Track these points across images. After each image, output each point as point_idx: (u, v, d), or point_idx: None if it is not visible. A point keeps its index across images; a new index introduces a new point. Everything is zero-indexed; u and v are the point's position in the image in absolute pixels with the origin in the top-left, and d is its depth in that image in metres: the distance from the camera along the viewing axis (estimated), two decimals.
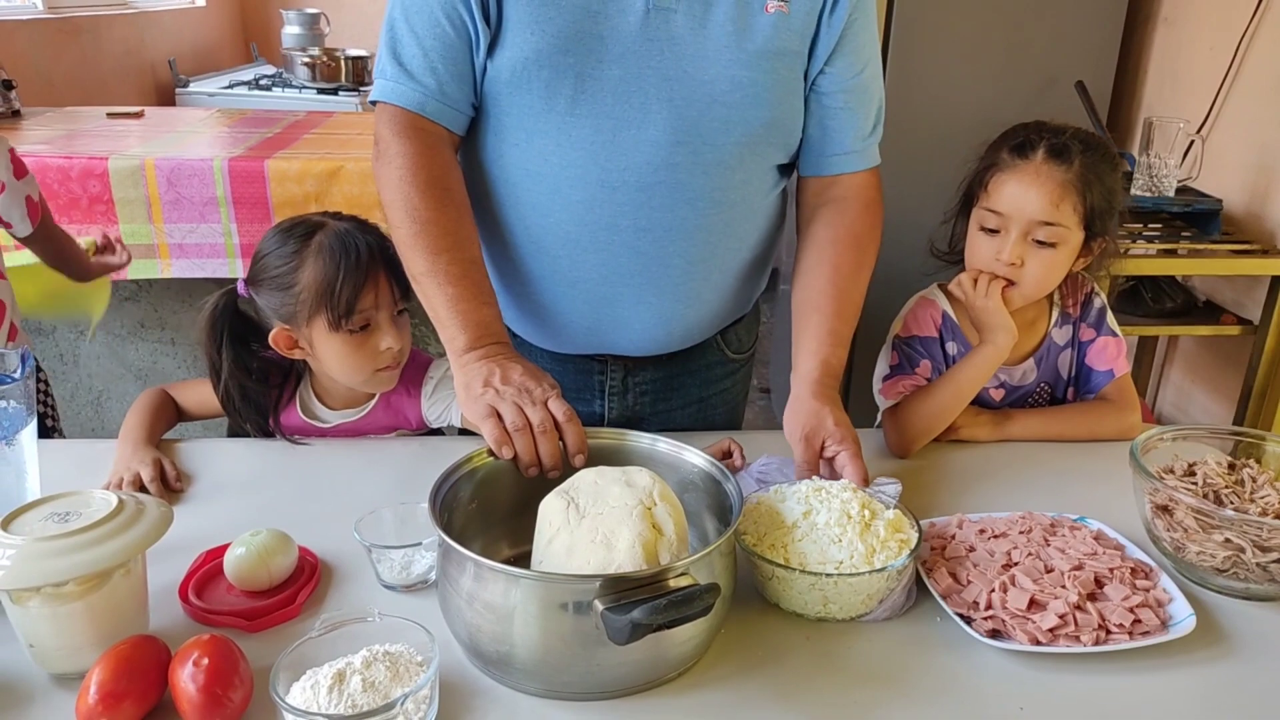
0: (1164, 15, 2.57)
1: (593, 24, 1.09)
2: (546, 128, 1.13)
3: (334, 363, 1.23)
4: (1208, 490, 1.02)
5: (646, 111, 1.11)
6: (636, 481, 0.89)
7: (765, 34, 1.12)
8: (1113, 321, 1.35)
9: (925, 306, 1.34)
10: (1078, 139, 1.23)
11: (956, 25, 2.51)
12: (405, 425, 1.32)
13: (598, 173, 1.14)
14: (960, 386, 1.25)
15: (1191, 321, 2.22)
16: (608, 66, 1.10)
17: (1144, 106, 2.65)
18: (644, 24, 1.09)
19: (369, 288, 1.20)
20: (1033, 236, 1.22)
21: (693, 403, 1.39)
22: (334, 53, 3.69)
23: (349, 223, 1.25)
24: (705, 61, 1.11)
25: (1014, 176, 1.22)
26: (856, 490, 0.97)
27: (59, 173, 1.97)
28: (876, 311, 2.78)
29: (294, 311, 1.21)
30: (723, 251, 1.23)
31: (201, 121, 2.49)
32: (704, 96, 1.12)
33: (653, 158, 1.13)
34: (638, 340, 1.27)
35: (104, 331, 2.33)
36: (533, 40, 1.09)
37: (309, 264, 1.19)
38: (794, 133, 1.22)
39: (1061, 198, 1.20)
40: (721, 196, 1.18)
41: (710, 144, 1.14)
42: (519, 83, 1.11)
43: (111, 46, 3.42)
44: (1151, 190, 2.14)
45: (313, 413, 1.31)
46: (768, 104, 1.15)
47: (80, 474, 1.17)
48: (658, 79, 1.11)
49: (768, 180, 1.23)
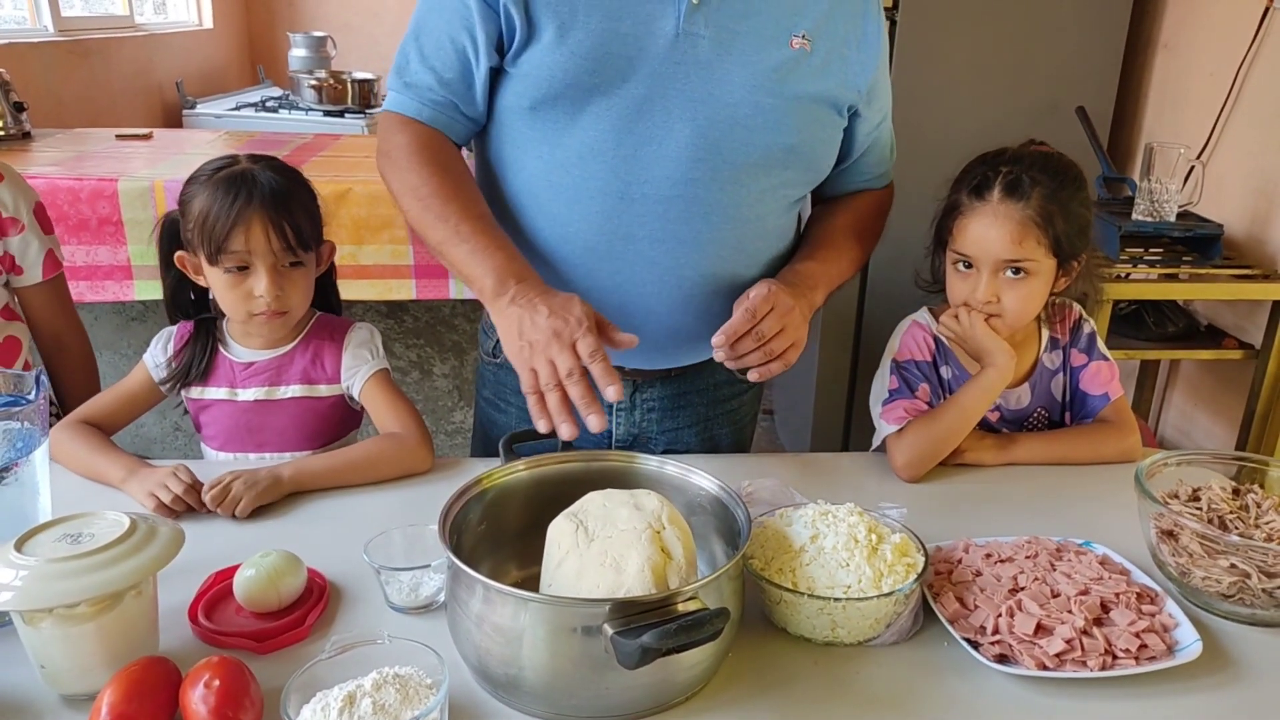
0: (1164, 41, 2.59)
1: (622, 46, 1.12)
2: (570, 141, 1.16)
3: (218, 296, 1.27)
4: (1212, 515, 1.02)
5: (669, 129, 1.15)
6: (645, 504, 0.90)
7: (787, 66, 1.16)
8: (1103, 346, 1.36)
9: (916, 330, 1.35)
10: (1035, 167, 1.22)
11: (958, 51, 2.54)
12: (321, 375, 1.32)
13: (618, 185, 1.17)
14: (966, 410, 1.25)
15: (1193, 346, 2.23)
16: (634, 85, 1.13)
17: (1145, 131, 2.66)
18: (672, 47, 1.13)
19: (240, 229, 1.22)
20: (1003, 273, 1.23)
21: (699, 421, 1.40)
22: (340, 75, 3.72)
23: (261, 165, 1.27)
24: (729, 86, 1.15)
25: (974, 220, 1.23)
26: (863, 514, 0.97)
27: (69, 194, 1.99)
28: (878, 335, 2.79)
29: (189, 238, 1.26)
30: (735, 266, 1.25)
31: (209, 143, 2.51)
32: (726, 119, 1.15)
33: (672, 172, 1.16)
34: (649, 352, 1.28)
35: (111, 352, 2.34)
36: (561, 60, 1.12)
37: (201, 195, 1.24)
38: (818, 161, 1.27)
39: (1023, 235, 1.21)
40: (737, 212, 1.21)
41: (729, 162, 1.17)
42: (547, 99, 1.15)
43: (120, 68, 3.45)
44: (1152, 215, 2.15)
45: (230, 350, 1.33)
46: (790, 131, 1.18)
47: (89, 494, 1.18)
48: (682, 100, 1.14)
49: (784, 202, 1.26)
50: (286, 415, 1.32)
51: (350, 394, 1.33)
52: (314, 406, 1.32)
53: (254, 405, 1.31)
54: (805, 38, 1.16)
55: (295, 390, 1.31)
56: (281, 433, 1.32)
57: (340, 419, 1.36)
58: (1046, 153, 1.27)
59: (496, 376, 1.40)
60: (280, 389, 1.31)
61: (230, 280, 1.24)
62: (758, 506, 1.08)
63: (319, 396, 1.32)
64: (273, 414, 1.31)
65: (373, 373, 1.31)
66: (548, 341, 1.00)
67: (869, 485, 1.25)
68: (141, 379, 1.32)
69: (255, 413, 1.31)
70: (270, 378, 1.31)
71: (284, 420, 1.32)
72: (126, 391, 1.32)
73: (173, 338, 1.33)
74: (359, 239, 2.07)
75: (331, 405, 1.34)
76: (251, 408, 1.31)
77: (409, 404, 1.31)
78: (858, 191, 1.37)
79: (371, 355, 1.33)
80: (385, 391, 1.31)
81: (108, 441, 1.25)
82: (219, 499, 1.11)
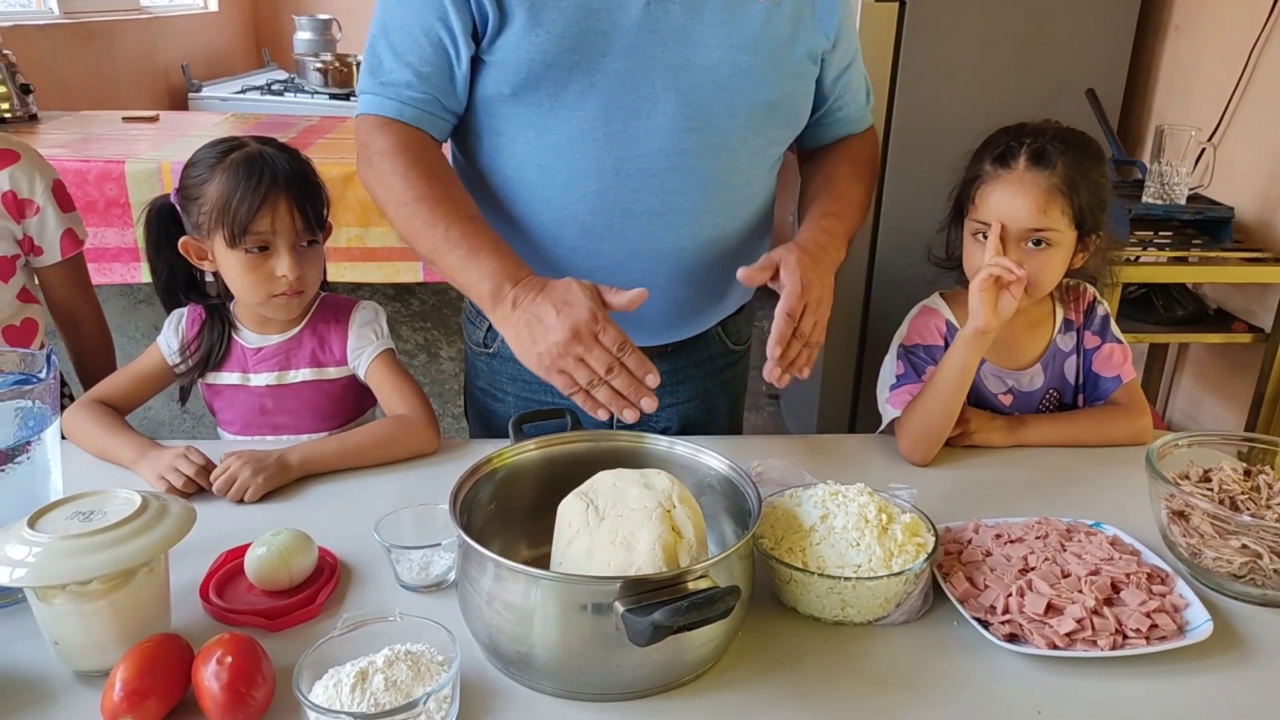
0: (1175, 23, 2.57)
1: (595, 20, 1.12)
2: (558, 123, 1.15)
3: (234, 279, 1.26)
4: (1224, 496, 1.02)
5: (654, 100, 1.14)
6: (655, 484, 0.90)
7: (758, 21, 1.16)
8: (1116, 329, 1.36)
9: (929, 315, 1.35)
10: (1058, 139, 1.23)
11: (967, 33, 2.52)
12: (329, 358, 1.32)
13: (611, 162, 1.16)
14: (946, 381, 1.23)
15: (1202, 329, 2.22)
16: (613, 60, 1.13)
17: (1155, 114, 2.64)
18: (644, 17, 1.12)
19: (266, 210, 1.22)
20: (1025, 243, 1.22)
21: (698, 395, 1.41)
22: (345, 58, 3.71)
23: (272, 147, 1.27)
24: (705, 49, 1.14)
25: (999, 187, 1.22)
26: (873, 494, 0.97)
27: (76, 176, 1.99)
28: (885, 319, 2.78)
29: (199, 222, 1.24)
30: (728, 232, 1.26)
31: (216, 126, 2.50)
32: (708, 82, 1.15)
33: (664, 144, 1.16)
34: (649, 326, 1.28)
35: (119, 334, 2.33)
36: (539, 42, 1.11)
37: (216, 179, 1.22)
38: (798, 114, 1.27)
39: (1048, 203, 1.20)
40: (729, 178, 1.21)
41: (717, 128, 1.17)
42: (528, 83, 1.13)
43: (125, 51, 3.44)
44: (1163, 198, 2.14)
45: (240, 336, 1.33)
46: (769, 87, 1.19)
47: (98, 472, 1.18)
48: (662, 68, 1.14)
49: (771, 159, 1.27)
50: (300, 399, 1.32)
51: (358, 373, 1.33)
52: (326, 389, 1.33)
53: (266, 390, 1.31)
54: None
55: (305, 374, 1.32)
56: (297, 415, 1.32)
57: (355, 399, 1.36)
58: (1068, 127, 1.27)
59: (490, 366, 1.39)
60: (290, 373, 1.31)
61: (252, 261, 1.23)
62: (767, 486, 1.08)
63: (329, 379, 1.33)
64: (286, 398, 1.32)
65: (378, 353, 1.31)
66: (569, 342, 0.99)
67: (879, 467, 1.25)
68: (155, 360, 1.32)
69: (268, 397, 1.31)
70: (280, 362, 1.31)
71: (298, 403, 1.32)
72: (140, 372, 1.33)
73: (184, 319, 1.33)
74: (365, 221, 2.07)
75: (344, 386, 1.34)
76: (264, 392, 1.31)
77: (415, 385, 1.31)
78: (842, 139, 1.36)
79: (376, 335, 1.33)
80: (391, 372, 1.31)
81: (120, 422, 1.25)
82: (226, 486, 1.11)
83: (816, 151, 1.36)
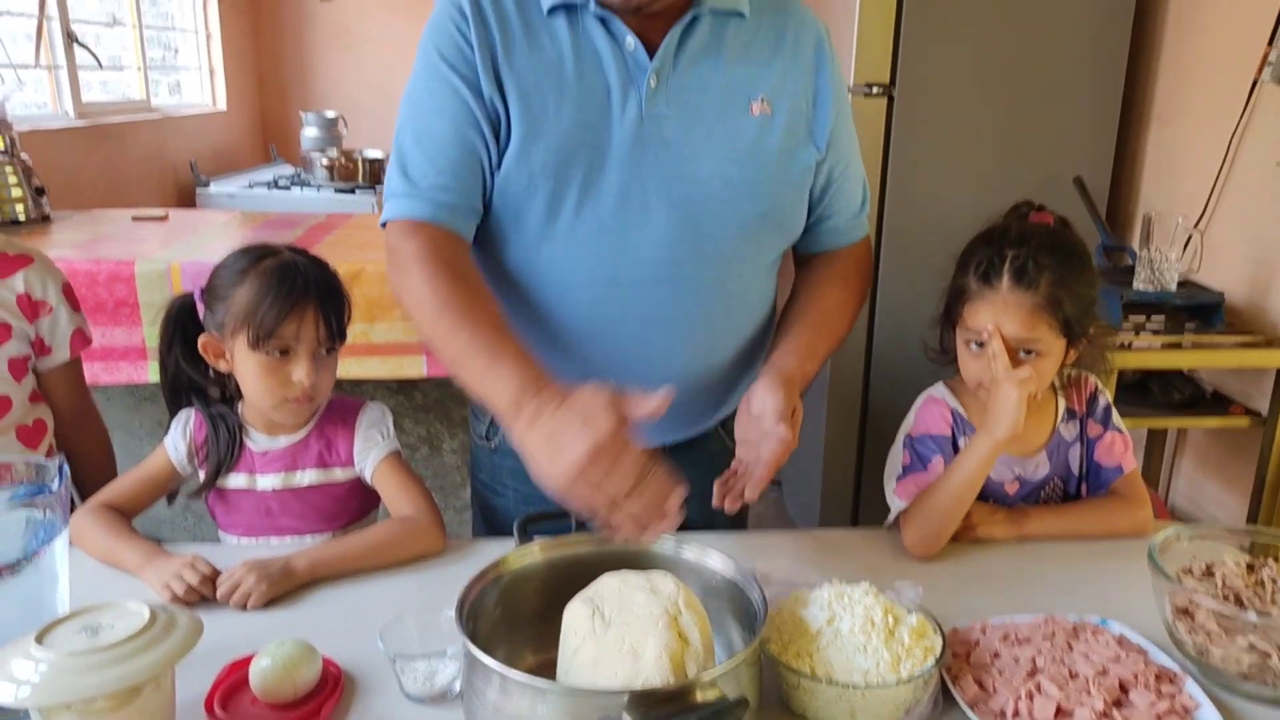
0: (1157, 113, 2.65)
1: (592, 135, 1.15)
2: (554, 233, 1.18)
3: (248, 381, 1.28)
4: (1228, 592, 1.02)
5: (648, 212, 1.17)
6: (661, 588, 0.90)
7: (752, 134, 1.19)
8: (1118, 418, 1.37)
9: (934, 405, 1.36)
10: (1043, 248, 1.22)
11: (955, 125, 2.60)
12: (336, 460, 1.33)
13: (606, 271, 1.18)
14: (961, 481, 1.24)
15: (1200, 413, 2.23)
16: (608, 172, 1.16)
17: (1142, 200, 2.71)
18: (638, 131, 1.16)
19: (294, 317, 1.25)
20: (1018, 351, 1.23)
21: (696, 497, 1.39)
22: (351, 154, 3.81)
23: (303, 257, 1.31)
24: (698, 161, 1.17)
25: (984, 306, 1.24)
26: (879, 594, 0.97)
27: (86, 277, 2.02)
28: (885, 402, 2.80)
29: (223, 322, 1.27)
30: (725, 339, 1.27)
31: (224, 225, 2.55)
32: (700, 194, 1.18)
33: (657, 254, 1.18)
34: (645, 430, 1.28)
35: (123, 432, 2.35)
36: (537, 155, 1.15)
37: (248, 282, 1.26)
38: (791, 224, 1.28)
39: (1035, 322, 1.22)
40: (722, 287, 1.23)
41: (710, 238, 1.19)
42: (526, 194, 1.16)
43: (136, 149, 3.53)
44: (1153, 284, 2.18)
45: (248, 438, 1.34)
46: (761, 198, 1.21)
47: (106, 578, 1.18)
48: (656, 181, 1.16)
49: (765, 266, 1.29)
50: (305, 501, 1.32)
51: (364, 476, 1.33)
52: (331, 491, 1.33)
53: (272, 494, 1.32)
54: (765, 101, 1.20)
55: (312, 476, 1.32)
56: (301, 517, 1.32)
57: (359, 501, 1.36)
58: (1050, 229, 1.29)
59: (491, 460, 1.40)
60: (297, 475, 1.32)
61: (270, 365, 1.25)
62: (772, 587, 1.07)
63: (335, 481, 1.33)
64: (291, 501, 1.32)
65: (384, 455, 1.32)
66: (588, 464, 0.90)
67: (884, 563, 1.25)
68: (162, 463, 1.33)
69: (274, 500, 1.32)
70: (287, 464, 1.32)
71: (303, 506, 1.32)
72: (147, 475, 1.33)
73: (191, 422, 1.34)
74: (371, 317, 2.10)
75: (348, 489, 1.34)
76: (270, 496, 1.32)
77: (421, 485, 1.32)
78: (835, 250, 1.35)
79: (383, 436, 1.34)
80: (397, 473, 1.32)
81: (126, 527, 1.26)
82: (230, 593, 1.11)
83: (808, 261, 1.36)
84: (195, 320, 1.32)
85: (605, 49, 1.16)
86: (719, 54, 1.19)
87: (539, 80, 1.15)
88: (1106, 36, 2.57)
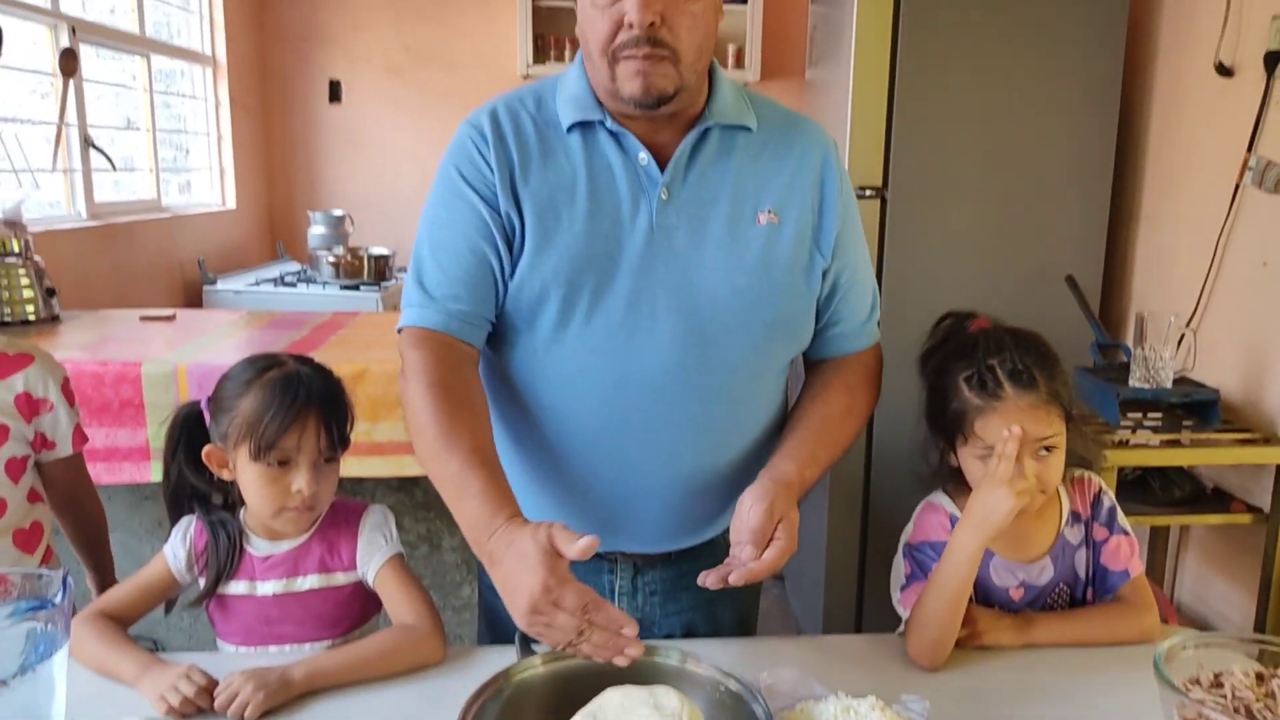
0: (1145, 213, 2.72)
1: (604, 246, 1.19)
2: (565, 337, 1.21)
3: (249, 490, 1.29)
4: (1238, 704, 1.01)
5: (656, 319, 1.20)
6: (665, 704, 0.90)
7: (760, 244, 1.22)
8: (1123, 520, 1.37)
9: (933, 512, 1.36)
10: (1019, 349, 1.26)
11: (946, 225, 2.66)
12: (338, 564, 1.33)
13: (613, 376, 1.20)
14: (952, 582, 1.23)
15: (1202, 510, 2.23)
16: (619, 281, 1.19)
17: (1135, 297, 2.75)
18: (648, 242, 1.20)
19: (295, 428, 1.26)
20: (1037, 450, 1.25)
21: (703, 604, 1.39)
22: (357, 251, 3.88)
23: (308, 367, 1.33)
24: (706, 271, 1.21)
25: (998, 416, 1.25)
26: (885, 708, 0.96)
27: (93, 378, 2.05)
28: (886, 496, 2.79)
29: (227, 432, 1.28)
30: (731, 444, 1.28)
31: (231, 325, 2.59)
32: (708, 303, 1.20)
33: (665, 360, 1.20)
34: (649, 535, 1.29)
35: (123, 531, 2.34)
36: (550, 264, 1.19)
37: (252, 393, 1.27)
38: (799, 332, 1.30)
39: (1049, 416, 1.25)
40: (729, 394, 1.24)
41: (717, 345, 1.21)
42: (538, 300, 1.20)
43: (145, 248, 3.60)
44: (1149, 382, 2.20)
45: (249, 544, 1.33)
46: (768, 307, 1.23)
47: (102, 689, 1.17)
48: (665, 289, 1.20)
49: (773, 373, 1.30)
50: (305, 607, 1.32)
51: (366, 580, 1.33)
52: (332, 596, 1.33)
53: (273, 599, 1.31)
54: (772, 212, 1.23)
55: (313, 581, 1.32)
56: (301, 624, 1.32)
57: (360, 606, 1.36)
58: (1006, 330, 1.32)
59: None
60: (298, 580, 1.32)
61: (270, 475, 1.26)
62: (778, 699, 1.07)
63: (337, 586, 1.33)
64: (291, 607, 1.32)
65: (387, 558, 1.32)
66: (532, 613, 0.97)
67: (891, 672, 1.24)
68: (160, 572, 1.33)
69: (274, 606, 1.31)
70: (288, 570, 1.32)
71: (303, 612, 1.32)
72: (145, 584, 1.33)
73: (191, 530, 1.35)
74: (374, 416, 2.11)
75: (350, 594, 1.34)
76: (270, 602, 1.31)
77: (422, 591, 1.31)
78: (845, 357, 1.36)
79: (385, 540, 1.34)
80: (398, 578, 1.31)
81: (123, 637, 1.25)
82: (227, 704, 1.10)
83: (817, 367, 1.37)
84: (201, 429, 1.34)
85: (618, 163, 1.21)
86: (727, 166, 1.24)
87: (553, 195, 1.20)
88: (1093, 139, 2.65)
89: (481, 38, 4.64)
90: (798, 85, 4.25)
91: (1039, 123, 2.63)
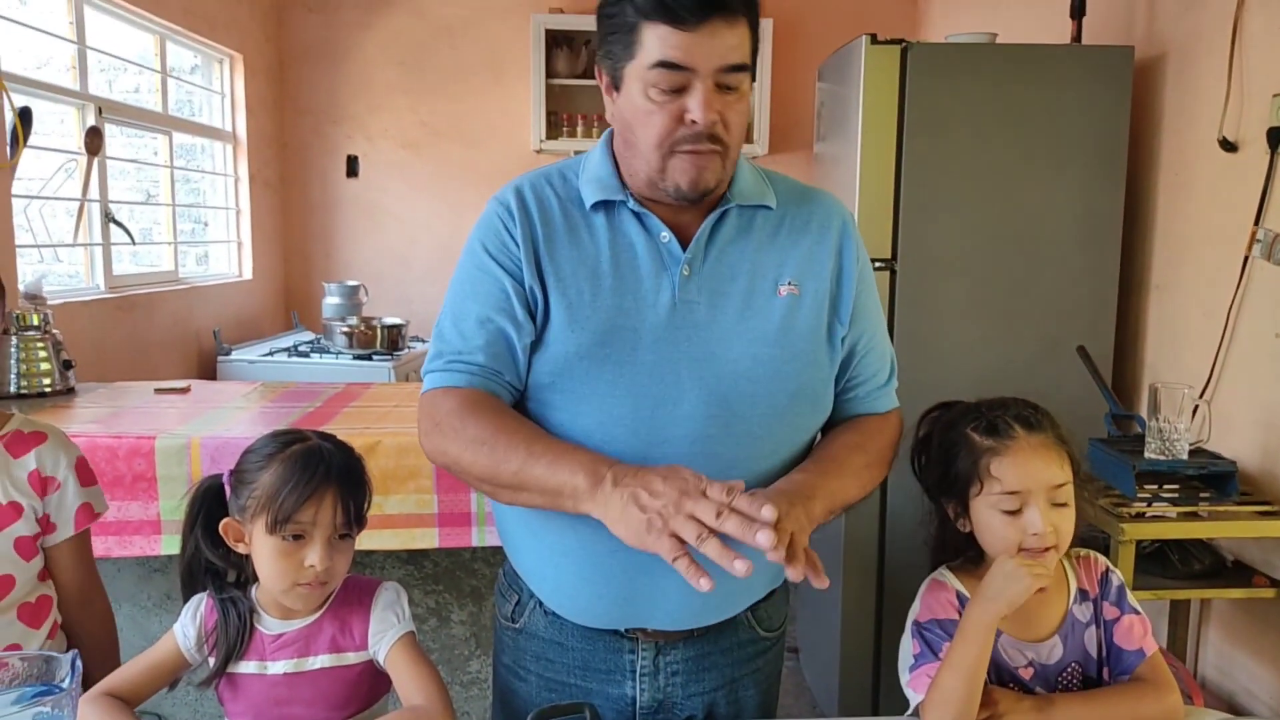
0: (1155, 283, 2.73)
1: (626, 319, 1.22)
2: (589, 409, 1.22)
3: (263, 564, 1.28)
4: None
5: (680, 389, 1.21)
6: None
7: (780, 315, 1.25)
8: (1133, 599, 1.36)
9: (939, 589, 1.35)
10: (1017, 404, 1.31)
11: (956, 297, 2.68)
12: (350, 643, 1.31)
13: (638, 445, 1.21)
14: (967, 659, 1.22)
15: (1222, 583, 2.19)
16: (642, 353, 1.21)
17: (1147, 368, 2.75)
18: (671, 315, 1.22)
19: (313, 502, 1.26)
20: (1052, 500, 1.26)
21: (725, 684, 1.37)
22: (371, 321, 3.92)
23: (330, 444, 1.33)
24: (728, 342, 1.22)
25: (1012, 456, 1.26)
26: None
27: (107, 452, 2.06)
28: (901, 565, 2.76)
29: (246, 505, 1.28)
30: None
31: (245, 397, 2.60)
32: (730, 374, 1.22)
33: (689, 430, 1.21)
34: (671, 611, 1.28)
35: (131, 604, 2.33)
36: (574, 338, 1.21)
37: (273, 467, 1.27)
38: (820, 401, 1.31)
39: (1061, 458, 1.27)
40: (753, 464, 1.24)
41: (739, 416, 1.22)
42: (563, 372, 1.22)
43: (161, 319, 3.64)
44: (1164, 454, 2.18)
45: (261, 623, 1.32)
46: (789, 377, 1.24)
47: None
48: (688, 361, 1.21)
49: (796, 445, 1.30)
50: (315, 687, 1.30)
51: (377, 659, 1.32)
52: (343, 675, 1.31)
53: (283, 679, 1.30)
54: (793, 284, 1.26)
55: (324, 660, 1.31)
56: (310, 704, 1.30)
57: (370, 684, 1.34)
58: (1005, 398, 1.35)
59: (515, 643, 1.38)
60: (309, 659, 1.30)
61: (285, 549, 1.26)
62: None
63: (348, 665, 1.32)
64: (302, 686, 1.30)
65: (399, 637, 1.31)
66: (678, 500, 1.00)
67: None
68: (170, 651, 1.32)
69: (284, 686, 1.30)
70: (299, 648, 1.31)
71: (313, 692, 1.30)
72: (153, 663, 1.32)
73: (202, 608, 1.34)
74: (385, 490, 2.11)
75: (360, 672, 1.32)
76: (280, 681, 1.30)
77: (433, 671, 1.30)
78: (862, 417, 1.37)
79: (398, 618, 1.33)
80: (410, 657, 1.30)
81: (128, 717, 1.23)
82: None
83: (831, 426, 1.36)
84: (220, 503, 1.34)
85: (640, 241, 1.25)
86: (747, 242, 1.27)
87: (577, 271, 1.23)
88: (1100, 209, 2.67)
89: (496, 114, 4.75)
90: (805, 158, 4.33)
91: (1046, 194, 2.66)
